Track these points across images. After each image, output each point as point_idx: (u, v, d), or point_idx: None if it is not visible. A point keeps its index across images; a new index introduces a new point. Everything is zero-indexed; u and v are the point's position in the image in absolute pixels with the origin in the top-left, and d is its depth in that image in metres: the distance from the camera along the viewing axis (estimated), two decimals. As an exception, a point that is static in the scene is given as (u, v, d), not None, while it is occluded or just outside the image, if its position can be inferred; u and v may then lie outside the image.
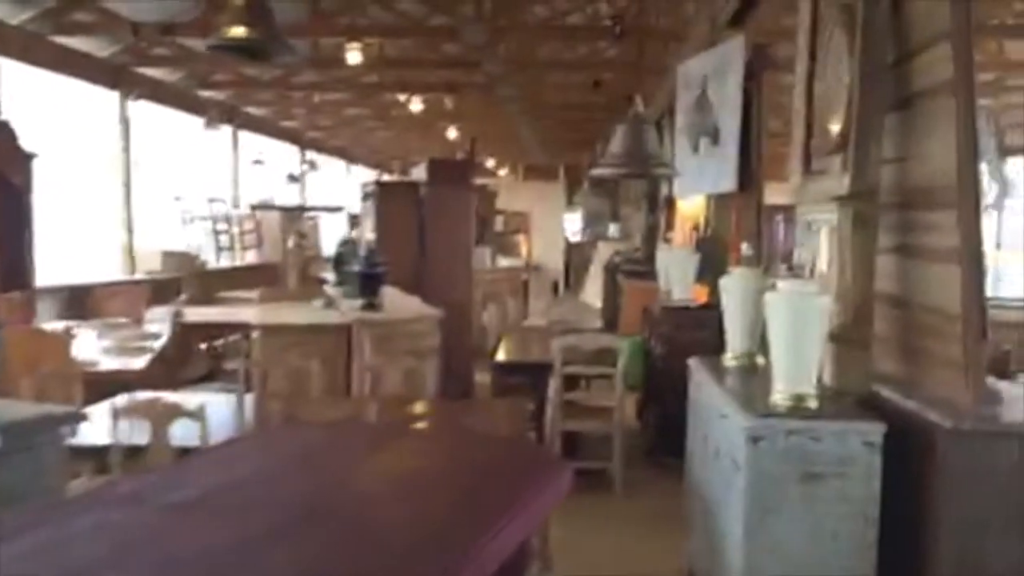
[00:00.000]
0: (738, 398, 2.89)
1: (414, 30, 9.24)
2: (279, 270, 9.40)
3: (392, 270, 6.57)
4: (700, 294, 5.97)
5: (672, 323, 5.54)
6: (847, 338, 3.00)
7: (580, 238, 19.21)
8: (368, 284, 5.08)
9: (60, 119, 8.62)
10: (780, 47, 6.58)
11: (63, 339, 5.04)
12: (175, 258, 9.10)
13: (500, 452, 2.58)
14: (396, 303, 5.57)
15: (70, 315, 7.19)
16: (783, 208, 9.82)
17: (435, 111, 13.14)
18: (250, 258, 11.55)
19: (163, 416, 2.82)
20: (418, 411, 3.67)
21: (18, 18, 7.36)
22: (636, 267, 9.47)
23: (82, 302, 7.45)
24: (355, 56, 8.01)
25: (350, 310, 5.12)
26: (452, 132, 14.27)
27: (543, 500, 2.09)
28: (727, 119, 5.84)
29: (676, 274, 6.02)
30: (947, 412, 2.44)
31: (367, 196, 7.75)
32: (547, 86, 12.13)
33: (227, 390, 4.32)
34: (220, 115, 11.04)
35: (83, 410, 3.11)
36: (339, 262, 6.27)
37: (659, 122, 9.45)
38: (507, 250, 15.11)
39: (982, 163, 2.60)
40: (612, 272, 10.13)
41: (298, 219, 9.92)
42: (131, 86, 9.21)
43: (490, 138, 16.28)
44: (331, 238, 11.07)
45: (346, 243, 6.30)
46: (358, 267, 5.16)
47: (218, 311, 6.34)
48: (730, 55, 5.85)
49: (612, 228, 16.47)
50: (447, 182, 7.79)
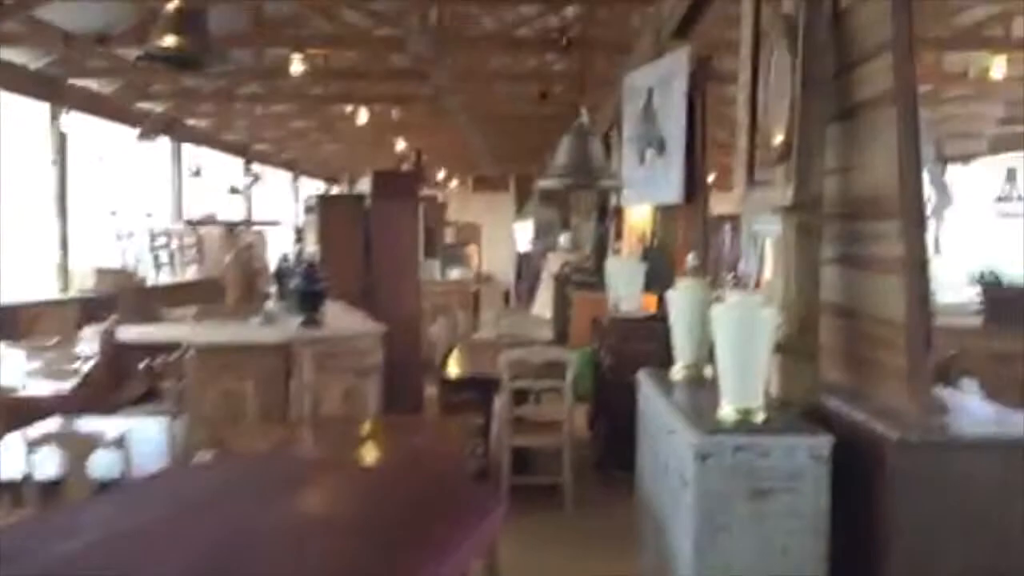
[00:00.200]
0: (686, 414, 2.83)
1: (359, 41, 9.11)
2: (221, 286, 9.14)
3: (337, 284, 6.40)
4: (649, 303, 5.94)
5: (620, 334, 5.50)
6: (793, 349, 2.97)
7: (531, 249, 19.19)
8: (308, 300, 4.92)
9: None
10: (724, 60, 6.64)
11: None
12: (110, 276, 8.75)
13: (429, 487, 2.48)
14: (339, 319, 5.42)
15: (-2, 338, 6.86)
16: (730, 218, 9.93)
17: (383, 123, 12.99)
18: (191, 274, 11.22)
19: (80, 447, 2.64)
20: (357, 434, 3.52)
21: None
22: (585, 278, 9.43)
23: (10, 323, 7.11)
24: (297, 67, 7.83)
25: (290, 327, 4.95)
26: (401, 144, 14.13)
27: (472, 541, 1.98)
28: (672, 129, 5.84)
29: (624, 284, 5.99)
30: (894, 423, 2.42)
31: (309, 210, 7.58)
32: (495, 98, 12.09)
33: (160, 413, 4.13)
34: (156, 126, 10.72)
35: (-2, 441, 2.92)
36: (281, 277, 6.08)
37: (607, 133, 9.48)
38: (458, 261, 14.98)
39: (923, 172, 2.58)
40: (562, 283, 10.08)
41: (241, 233, 9.67)
42: (64, 98, 8.89)
43: (439, 150, 16.17)
44: (279, 251, 10.82)
45: (287, 258, 6.10)
46: (297, 282, 4.99)
47: (154, 330, 6.10)
48: (675, 66, 5.85)
49: (563, 238, 16.48)
50: (393, 194, 7.68)
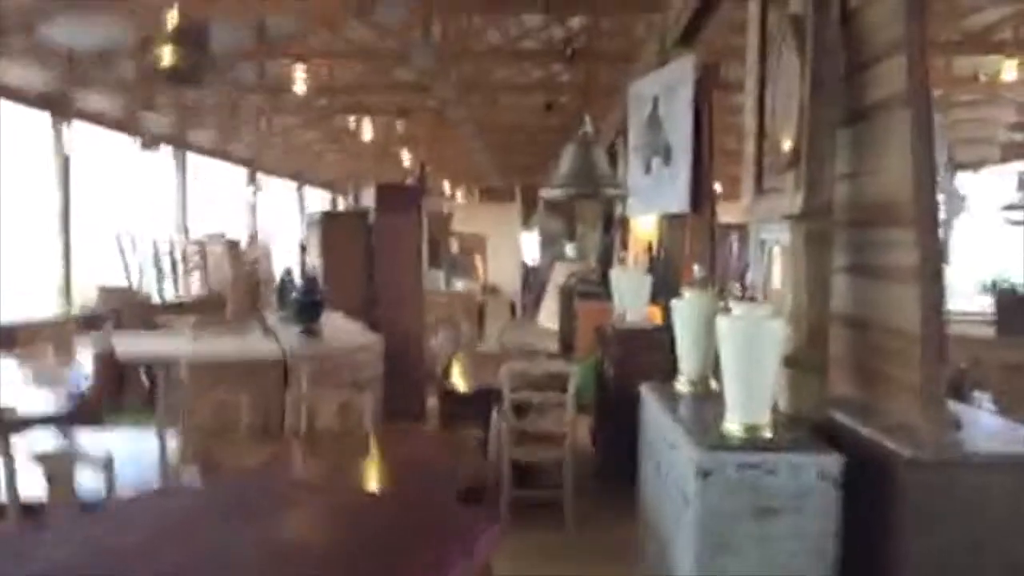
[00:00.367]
0: (689, 428, 2.72)
1: (363, 55, 9.08)
2: (225, 300, 9.08)
3: (340, 297, 6.33)
4: (655, 315, 5.85)
5: (625, 345, 5.40)
6: (801, 362, 2.86)
7: (537, 260, 19.12)
8: (306, 311, 4.84)
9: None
10: (731, 68, 6.56)
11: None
12: (113, 293, 8.68)
13: (418, 510, 2.38)
14: (338, 330, 5.34)
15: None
16: (737, 227, 9.82)
17: (389, 136, 12.96)
18: (195, 288, 11.16)
19: (60, 465, 2.55)
20: (348, 451, 3.42)
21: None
22: (591, 288, 9.35)
23: (10, 342, 7.05)
24: (301, 86, 7.85)
25: (287, 339, 4.87)
26: (406, 157, 14.09)
27: (459, 570, 1.88)
28: (678, 138, 5.75)
29: (630, 295, 5.89)
30: (907, 440, 2.30)
31: (311, 225, 7.53)
32: (500, 109, 12.04)
33: (154, 427, 4.04)
34: (156, 138, 10.69)
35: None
36: (283, 291, 6.02)
37: (613, 143, 9.40)
38: (463, 273, 14.92)
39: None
40: (568, 294, 9.99)
41: (245, 247, 9.62)
42: (68, 116, 8.88)
43: (445, 162, 16.14)
44: (285, 266, 10.76)
45: (290, 272, 6.05)
46: (296, 295, 4.92)
47: (151, 341, 6.03)
48: (680, 73, 5.77)
49: (569, 249, 16.42)
50: (396, 208, 7.62)
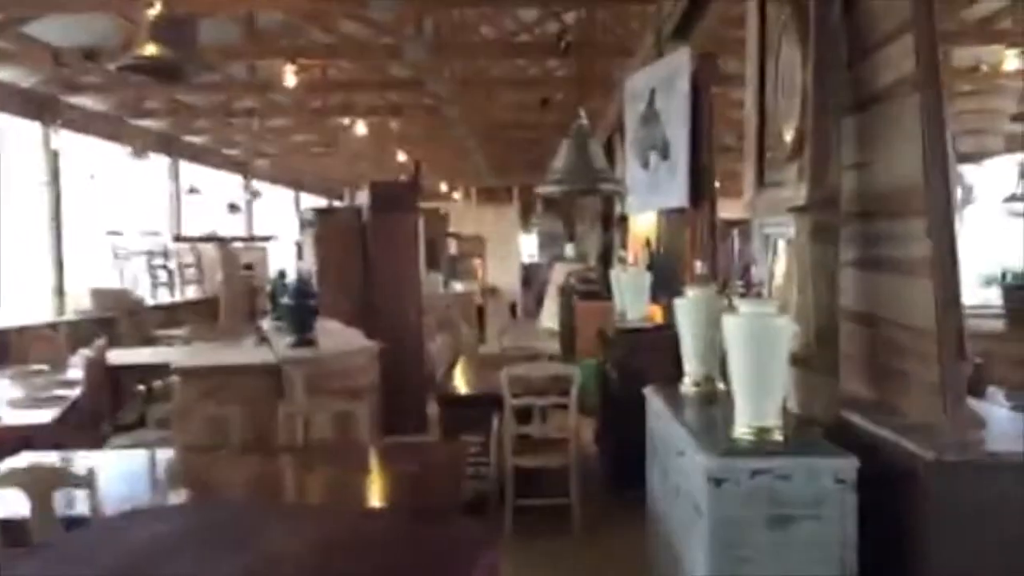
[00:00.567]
0: (697, 433, 2.62)
1: (356, 51, 8.96)
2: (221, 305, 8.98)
3: (335, 301, 6.19)
4: (655, 313, 5.73)
5: (627, 346, 5.28)
6: (811, 360, 2.76)
7: (536, 260, 19.02)
8: (299, 317, 4.71)
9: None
10: (729, 61, 6.44)
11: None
12: (107, 296, 8.55)
13: (414, 530, 2.27)
14: (333, 337, 5.22)
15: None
16: (738, 223, 9.71)
17: (384, 136, 12.84)
18: (191, 293, 11.05)
19: (43, 484, 2.44)
20: (342, 465, 3.31)
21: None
22: (591, 288, 9.24)
23: (3, 348, 6.94)
24: (291, 79, 7.66)
25: (281, 347, 4.75)
26: (402, 157, 13.98)
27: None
28: (676, 132, 5.63)
29: (630, 294, 5.77)
30: (927, 441, 2.20)
31: (305, 225, 7.38)
32: (496, 106, 11.91)
33: (144, 444, 3.94)
34: (147, 144, 10.57)
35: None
36: (275, 295, 5.88)
37: (610, 139, 9.29)
38: (462, 274, 14.79)
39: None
40: (568, 293, 9.88)
41: (239, 250, 9.49)
42: (56, 116, 8.77)
43: (441, 162, 16.02)
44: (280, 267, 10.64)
45: (284, 275, 5.90)
46: (288, 300, 4.79)
47: (148, 352, 5.91)
48: (676, 66, 5.65)
49: (568, 248, 16.33)
50: (391, 207, 7.50)
